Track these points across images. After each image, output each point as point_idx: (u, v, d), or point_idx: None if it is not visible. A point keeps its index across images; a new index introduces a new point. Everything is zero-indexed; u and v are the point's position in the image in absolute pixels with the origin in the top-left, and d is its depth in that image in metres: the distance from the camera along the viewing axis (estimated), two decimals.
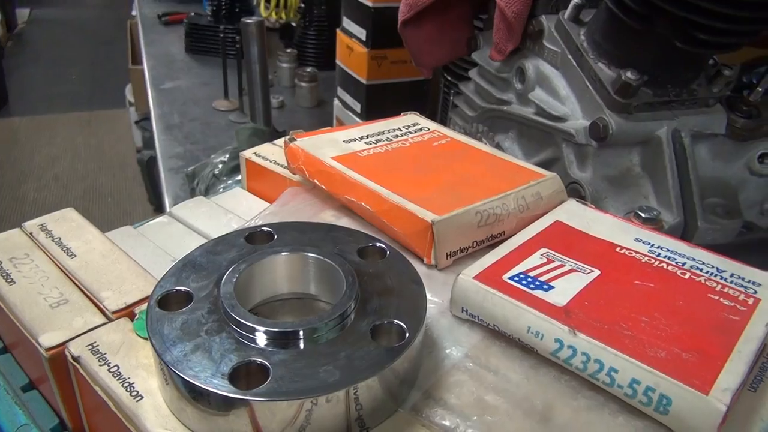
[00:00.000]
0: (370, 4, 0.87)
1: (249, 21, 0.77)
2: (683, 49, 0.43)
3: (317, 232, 0.33)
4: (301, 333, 0.25)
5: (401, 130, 0.48)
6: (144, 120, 2.24)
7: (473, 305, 0.30)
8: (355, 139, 0.45)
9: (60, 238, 0.36)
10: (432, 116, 0.98)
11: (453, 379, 0.28)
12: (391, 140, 0.46)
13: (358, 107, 0.97)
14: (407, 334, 0.26)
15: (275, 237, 0.33)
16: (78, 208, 0.40)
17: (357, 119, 0.96)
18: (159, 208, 1.62)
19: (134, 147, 2.35)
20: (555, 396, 0.27)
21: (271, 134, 0.85)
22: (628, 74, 0.45)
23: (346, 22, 0.95)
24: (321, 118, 1.26)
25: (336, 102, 1.04)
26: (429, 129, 0.48)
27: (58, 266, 0.34)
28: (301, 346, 0.25)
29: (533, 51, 0.54)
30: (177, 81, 1.35)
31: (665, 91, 0.47)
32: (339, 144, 0.44)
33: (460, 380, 0.28)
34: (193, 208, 0.45)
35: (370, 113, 0.95)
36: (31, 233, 0.37)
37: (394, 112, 0.98)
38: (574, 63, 0.49)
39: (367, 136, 0.46)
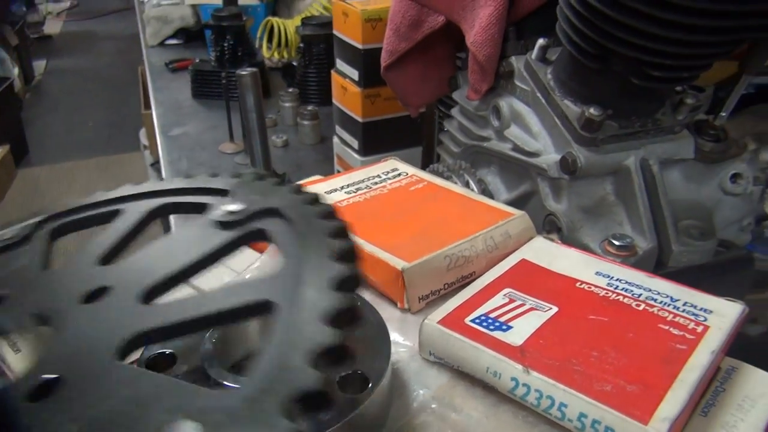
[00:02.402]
0: (360, 46, 0.91)
1: (244, 72, 0.81)
2: (641, 85, 0.46)
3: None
4: None
5: (380, 177, 0.50)
6: (158, 163, 2.30)
7: (439, 348, 0.33)
8: (336, 190, 0.48)
9: None
10: (428, 148, 1.01)
11: (419, 421, 0.30)
12: (371, 188, 0.48)
13: (356, 144, 1.00)
14: (370, 384, 0.28)
15: None
16: None
17: (356, 155, 1.00)
18: None
19: None
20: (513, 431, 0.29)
21: (271, 178, 0.88)
22: (592, 110, 0.47)
23: (339, 64, 0.98)
24: (324, 154, 1.29)
25: (335, 139, 1.07)
26: (407, 174, 0.51)
27: None
28: None
29: (507, 90, 0.56)
30: (185, 126, 1.40)
31: (630, 122, 0.49)
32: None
33: (426, 422, 0.30)
34: None
35: (368, 149, 0.98)
36: None
37: (390, 146, 1.01)
38: (543, 101, 0.52)
39: (348, 186, 0.49)
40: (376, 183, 0.49)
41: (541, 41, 0.52)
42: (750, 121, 0.90)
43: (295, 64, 1.55)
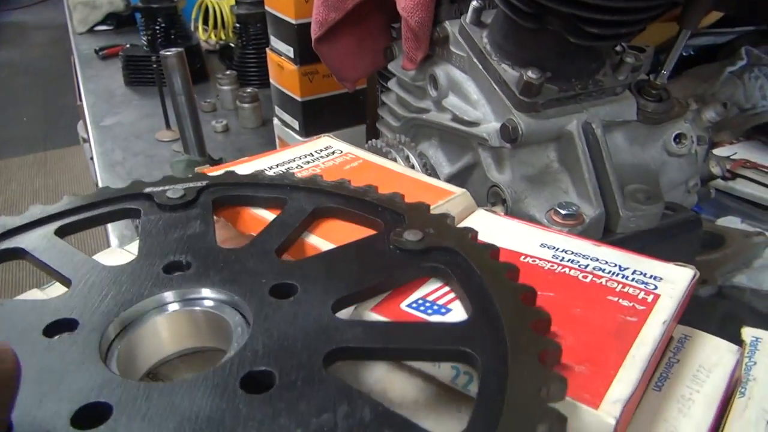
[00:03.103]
0: (293, 21, 0.86)
1: (168, 53, 0.76)
2: (579, 44, 0.43)
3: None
4: None
5: (313, 155, 0.47)
6: None
7: None
8: (265, 170, 0.44)
9: None
10: (372, 125, 0.98)
11: None
12: (302, 167, 0.45)
13: (296, 125, 0.96)
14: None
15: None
16: None
17: (297, 137, 0.96)
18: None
19: (93, 183, 2.31)
20: None
21: (206, 163, 0.84)
22: (530, 73, 0.44)
23: (274, 41, 0.94)
24: (267, 137, 1.24)
25: (276, 121, 1.03)
26: (341, 151, 0.47)
27: None
28: None
29: (443, 57, 0.53)
30: (118, 116, 1.33)
31: (571, 85, 0.47)
32: None
33: None
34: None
35: (309, 129, 0.94)
36: None
37: (333, 125, 0.98)
38: (480, 66, 0.49)
39: (278, 165, 0.45)
40: (308, 162, 0.46)
41: (474, 3, 0.49)
42: (691, 82, 0.89)
43: (232, 45, 1.49)
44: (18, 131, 3.13)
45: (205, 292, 0.30)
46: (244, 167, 0.44)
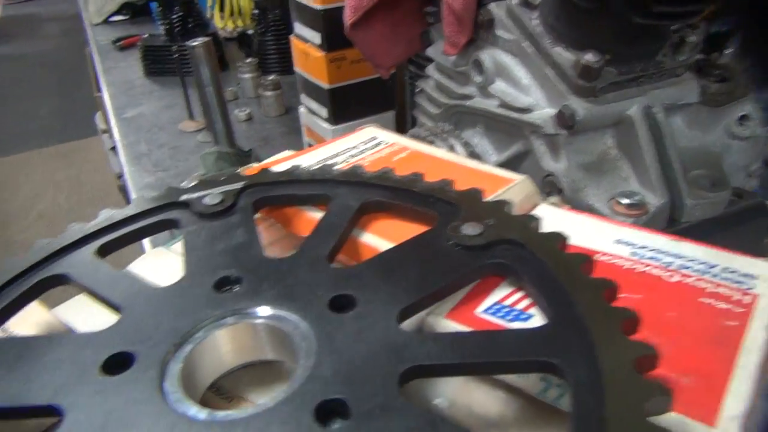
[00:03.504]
0: (319, 7, 0.84)
1: (195, 43, 0.74)
2: (642, 24, 0.41)
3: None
4: None
5: (358, 148, 0.45)
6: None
7: None
8: (312, 166, 0.42)
9: None
10: (401, 112, 0.95)
11: None
12: (348, 161, 0.43)
13: (324, 112, 0.94)
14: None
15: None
16: None
17: (325, 125, 0.93)
18: None
19: (113, 173, 2.31)
20: None
21: (236, 155, 0.82)
22: (589, 56, 0.42)
23: (298, 27, 0.92)
24: (291, 126, 1.22)
25: (302, 109, 1.01)
26: (388, 143, 0.45)
27: None
28: None
29: (488, 41, 0.51)
30: (139, 107, 1.32)
31: (631, 67, 0.44)
32: None
33: None
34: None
35: (338, 117, 0.92)
36: None
37: (362, 112, 0.95)
38: (531, 50, 0.47)
39: (324, 160, 0.43)
40: (353, 156, 0.44)
41: None
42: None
43: (250, 32, 1.47)
44: (37, 124, 3.14)
45: (262, 310, 0.29)
46: (289, 163, 0.42)
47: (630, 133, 0.45)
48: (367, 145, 0.45)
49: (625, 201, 0.43)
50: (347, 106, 0.92)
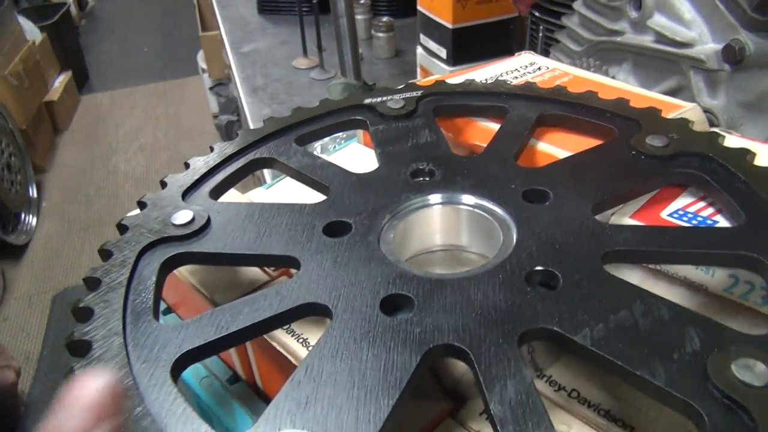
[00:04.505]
0: None
1: None
2: None
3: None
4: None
5: (519, 71, 0.46)
6: (218, 86, 2.28)
7: None
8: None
9: None
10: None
11: None
12: (512, 82, 0.44)
13: (443, 53, 0.95)
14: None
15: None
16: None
17: (443, 66, 0.95)
18: None
19: (210, 113, 2.40)
20: None
21: (362, 88, 0.85)
22: None
23: None
24: (400, 68, 1.24)
25: (419, 50, 1.02)
26: (548, 67, 0.46)
27: None
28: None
29: None
30: (255, 43, 1.36)
31: None
32: None
33: None
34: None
35: (457, 58, 0.93)
36: None
37: (481, 55, 0.96)
38: None
39: (486, 81, 0.45)
40: (516, 78, 0.45)
41: None
42: None
43: None
44: (140, 60, 3.28)
45: (461, 197, 0.31)
46: (455, 80, 0.44)
47: None
48: (528, 69, 0.46)
49: None
50: (468, 47, 0.92)
